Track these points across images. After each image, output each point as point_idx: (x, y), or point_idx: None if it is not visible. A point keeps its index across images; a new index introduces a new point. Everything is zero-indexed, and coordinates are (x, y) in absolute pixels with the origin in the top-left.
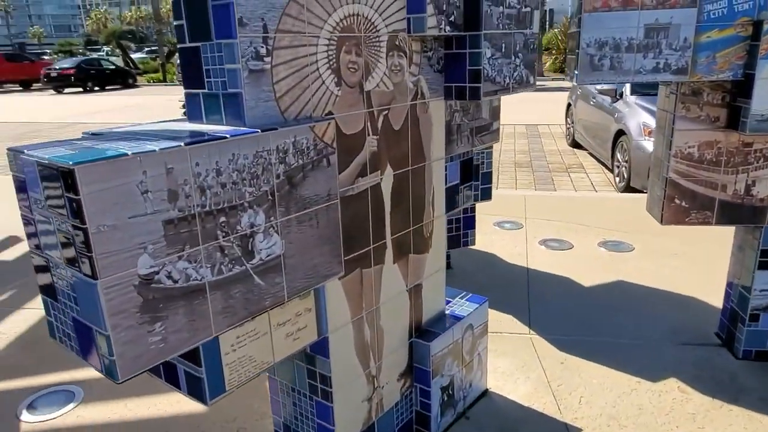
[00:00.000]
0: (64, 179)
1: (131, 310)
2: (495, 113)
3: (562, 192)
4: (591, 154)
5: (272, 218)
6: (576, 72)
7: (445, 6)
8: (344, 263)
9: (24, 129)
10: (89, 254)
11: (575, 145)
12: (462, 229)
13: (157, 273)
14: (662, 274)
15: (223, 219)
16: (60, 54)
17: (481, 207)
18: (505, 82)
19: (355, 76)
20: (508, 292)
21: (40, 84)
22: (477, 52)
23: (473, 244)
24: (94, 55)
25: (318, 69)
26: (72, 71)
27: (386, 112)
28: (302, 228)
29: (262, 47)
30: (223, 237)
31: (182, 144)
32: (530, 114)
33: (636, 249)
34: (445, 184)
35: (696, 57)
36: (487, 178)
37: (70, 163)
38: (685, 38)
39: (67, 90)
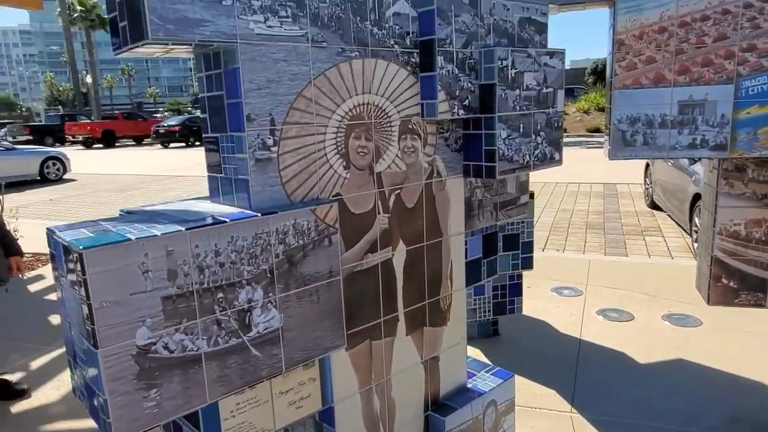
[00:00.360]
0: (76, 260)
1: (128, 377)
2: (522, 187)
3: (632, 257)
4: (670, 217)
5: (270, 294)
6: (608, 147)
7: (458, 91)
8: (351, 335)
9: (132, 180)
10: (92, 326)
11: (654, 206)
12: (508, 296)
13: (155, 344)
14: (730, 353)
15: (220, 295)
16: (169, 112)
17: (540, 272)
18: (524, 160)
19: (365, 160)
20: (554, 364)
21: (150, 139)
22: (492, 133)
23: (520, 311)
24: (198, 114)
25: (326, 155)
26: (177, 128)
27: (398, 191)
28: (302, 303)
29: (269, 138)
30: (220, 311)
31: (183, 228)
32: (609, 172)
33: (704, 324)
34: (466, 258)
35: (735, 133)
36: (528, 247)
37: (81, 247)
38: (723, 114)
39: (172, 145)
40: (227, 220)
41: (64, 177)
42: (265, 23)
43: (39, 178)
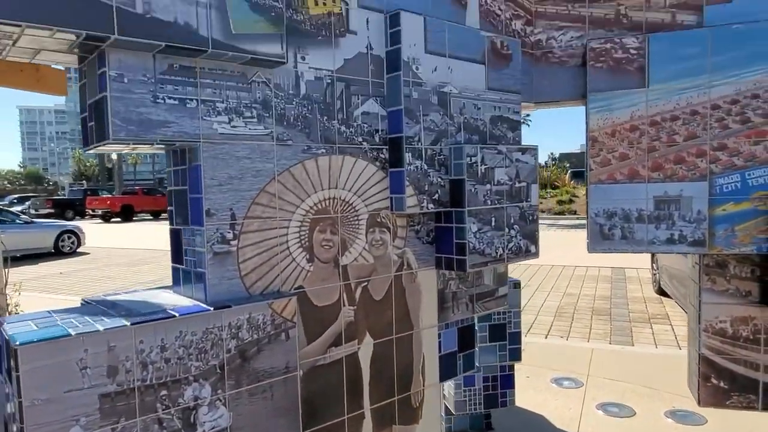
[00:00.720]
0: (11, 355)
1: None
2: (501, 279)
3: (638, 346)
4: (678, 304)
5: (220, 391)
6: (587, 240)
7: (427, 186)
8: None
9: (144, 255)
10: (21, 425)
11: (662, 292)
12: (499, 388)
13: None
14: None
15: (164, 392)
16: None
17: (541, 360)
18: (497, 253)
19: (330, 253)
20: None
21: (166, 215)
22: (462, 227)
23: (512, 404)
24: None
25: (288, 248)
26: None
27: (365, 283)
28: (254, 400)
29: (229, 232)
30: (163, 410)
31: (128, 323)
32: (617, 255)
33: (709, 422)
34: (439, 351)
35: (713, 229)
36: (516, 338)
37: (17, 342)
38: (699, 210)
39: None
40: (176, 314)
41: (79, 250)
42: (229, 123)
43: (53, 251)
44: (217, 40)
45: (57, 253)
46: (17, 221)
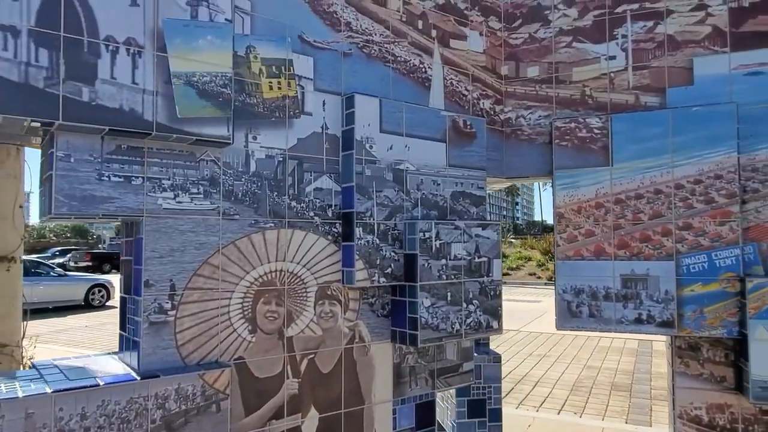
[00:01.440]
0: None
1: None
2: (466, 354)
3: (656, 427)
4: None
5: None
6: (555, 317)
7: (379, 260)
8: None
9: None
10: None
11: None
12: None
13: None
14: None
15: None
16: None
17: None
18: (453, 328)
19: (274, 324)
20: None
21: None
22: (414, 301)
23: None
24: None
25: (230, 319)
26: None
27: (312, 356)
28: None
29: (167, 303)
30: None
31: (49, 390)
32: None
33: None
34: (394, 428)
35: (682, 310)
36: (496, 415)
37: None
38: (666, 290)
39: None
40: (100, 382)
41: (108, 304)
42: (174, 199)
43: (84, 303)
44: (161, 123)
45: (87, 306)
46: (51, 274)
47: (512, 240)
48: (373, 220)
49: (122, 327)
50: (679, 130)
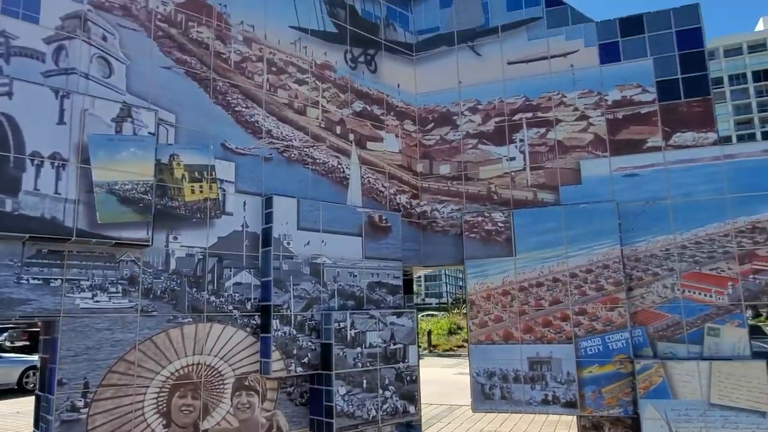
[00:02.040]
0: None
1: None
2: None
3: None
4: None
5: None
6: (471, 400)
7: (295, 350)
8: None
9: None
10: None
11: None
12: None
13: None
14: None
15: None
16: None
17: None
18: (369, 415)
19: (189, 418)
20: None
21: None
22: (329, 389)
23: None
24: None
25: (144, 414)
26: None
27: None
28: None
29: (80, 401)
30: None
31: None
32: None
33: None
34: None
35: (583, 391)
36: None
37: None
38: (568, 372)
39: None
40: None
41: None
42: (92, 299)
43: (16, 387)
44: (82, 229)
45: (21, 390)
46: None
47: (465, 312)
48: (290, 311)
49: (36, 425)
50: (571, 224)
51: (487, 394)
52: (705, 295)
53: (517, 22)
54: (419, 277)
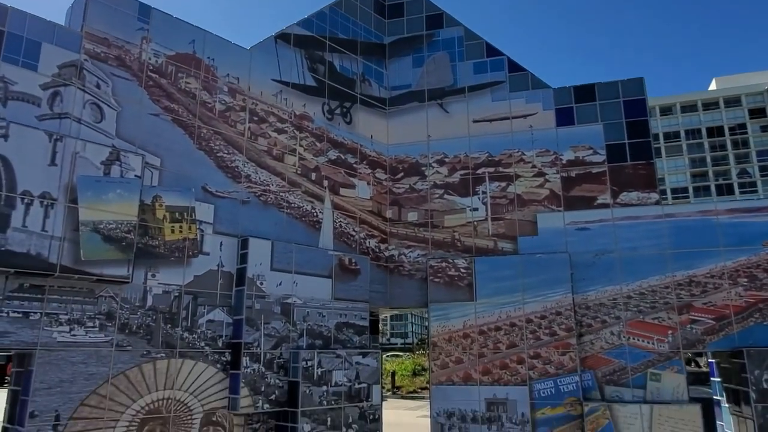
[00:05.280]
0: None
1: None
2: None
3: None
4: None
5: None
6: None
7: (263, 387)
8: None
9: None
10: None
11: None
12: None
13: None
14: None
15: None
16: None
17: None
18: None
19: None
20: None
21: None
22: (294, 426)
23: None
24: None
25: None
26: None
27: None
28: None
29: None
30: None
31: None
32: None
33: None
34: None
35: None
36: None
37: None
38: (523, 413)
39: None
40: None
41: None
42: (69, 332)
43: None
44: (65, 266)
45: None
46: None
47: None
48: (260, 349)
49: None
50: (528, 272)
51: None
52: (648, 342)
53: (482, 84)
54: (384, 317)
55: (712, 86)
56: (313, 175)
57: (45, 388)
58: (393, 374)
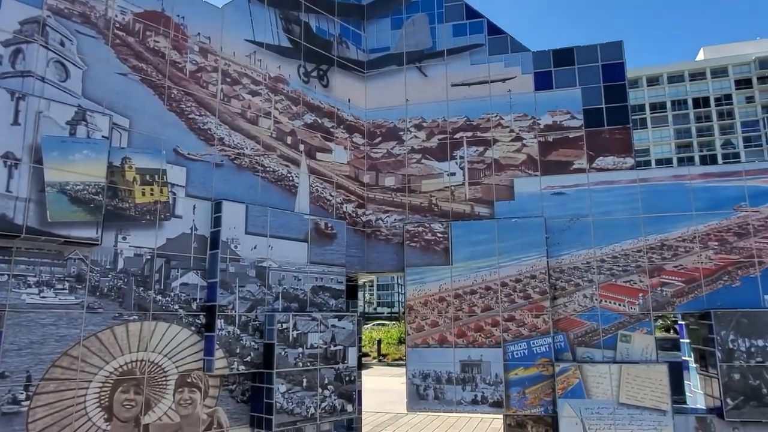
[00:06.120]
0: None
1: None
2: None
3: None
4: None
5: None
6: (406, 400)
7: (239, 349)
8: None
9: None
10: None
11: None
12: None
13: None
14: None
15: None
16: None
17: None
18: (308, 412)
19: (131, 412)
20: None
21: None
22: (270, 387)
23: None
24: None
25: (85, 408)
26: None
27: None
28: None
29: (22, 393)
30: None
31: None
32: None
33: None
34: None
35: (508, 392)
36: None
37: None
38: (496, 374)
39: None
40: None
41: None
42: (38, 294)
43: None
44: (31, 227)
45: None
46: None
47: None
48: (235, 312)
49: None
50: (503, 236)
51: (422, 394)
52: (619, 305)
53: (461, 47)
54: (372, 286)
55: (700, 56)
56: (289, 139)
57: (15, 349)
58: (379, 342)
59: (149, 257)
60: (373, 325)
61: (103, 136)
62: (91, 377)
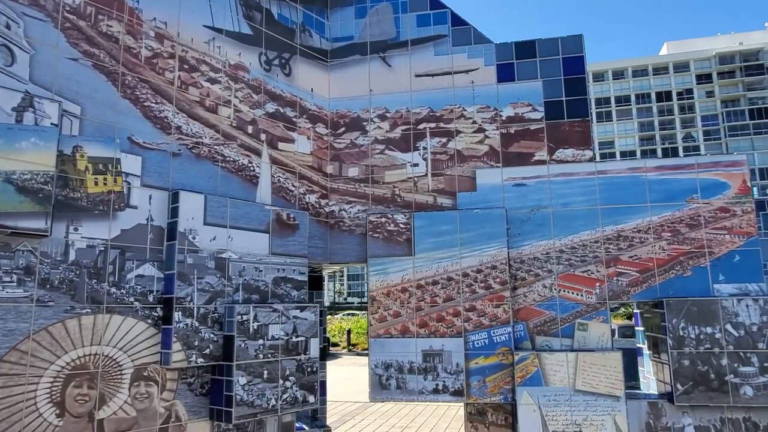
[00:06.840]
0: None
1: None
2: (286, 428)
3: None
4: None
5: None
6: (368, 390)
7: (197, 342)
8: None
9: None
10: None
11: None
12: None
13: None
14: None
15: None
16: None
17: None
18: (269, 404)
19: (84, 407)
20: None
21: None
22: (229, 380)
23: None
24: None
25: (36, 404)
26: None
27: None
28: None
29: None
30: None
31: None
32: None
33: None
34: None
35: (469, 380)
36: None
37: None
38: (457, 363)
39: None
40: None
41: None
42: None
43: None
44: None
45: None
46: None
47: None
48: (193, 304)
49: None
50: (465, 227)
51: (384, 384)
52: (577, 294)
53: (425, 37)
54: (342, 276)
55: (663, 50)
56: (250, 129)
57: None
58: (349, 332)
59: (102, 249)
60: (344, 314)
61: (52, 124)
62: (42, 372)
